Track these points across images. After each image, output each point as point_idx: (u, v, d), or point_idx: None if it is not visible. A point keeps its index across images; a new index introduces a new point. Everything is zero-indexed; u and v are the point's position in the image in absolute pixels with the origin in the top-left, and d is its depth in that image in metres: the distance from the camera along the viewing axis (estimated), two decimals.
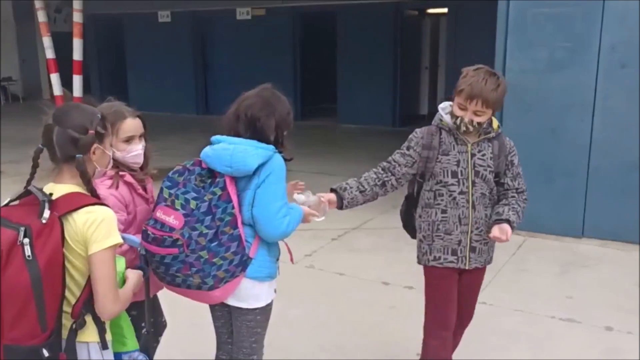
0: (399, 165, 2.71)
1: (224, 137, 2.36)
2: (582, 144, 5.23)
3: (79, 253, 1.79)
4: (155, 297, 2.68)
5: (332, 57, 12.78)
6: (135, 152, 2.39)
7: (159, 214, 2.23)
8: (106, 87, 15.48)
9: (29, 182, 1.84)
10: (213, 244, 2.20)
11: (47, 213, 1.72)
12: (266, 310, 2.43)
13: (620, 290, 4.41)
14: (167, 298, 2.66)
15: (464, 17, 11.10)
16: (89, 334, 1.87)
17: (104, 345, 1.90)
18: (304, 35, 13.26)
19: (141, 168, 2.47)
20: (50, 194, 1.79)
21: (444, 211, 2.68)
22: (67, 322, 1.82)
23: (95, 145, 1.86)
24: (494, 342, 3.67)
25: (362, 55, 12.09)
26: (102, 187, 2.25)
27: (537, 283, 4.53)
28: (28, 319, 1.69)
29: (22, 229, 1.68)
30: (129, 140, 2.37)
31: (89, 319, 1.86)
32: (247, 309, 2.38)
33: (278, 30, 13.00)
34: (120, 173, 2.33)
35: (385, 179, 2.72)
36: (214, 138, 2.39)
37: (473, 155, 2.65)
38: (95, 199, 1.86)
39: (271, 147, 2.31)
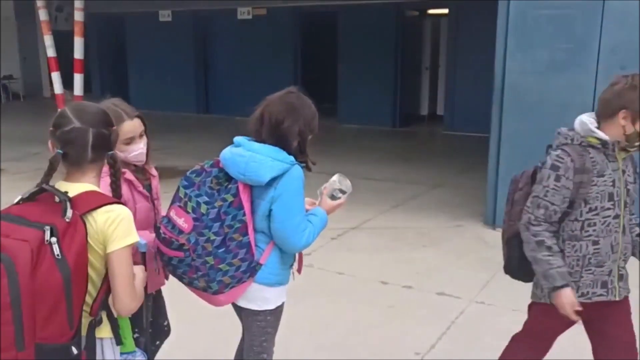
0: (557, 206, 2.30)
1: (245, 140, 2.31)
2: None
3: (97, 252, 1.80)
4: (160, 298, 2.66)
5: (332, 57, 12.79)
6: (137, 151, 2.39)
7: (172, 213, 2.24)
8: (107, 85, 15.49)
9: (43, 181, 1.82)
10: (220, 250, 2.18)
11: (70, 212, 1.72)
12: (277, 312, 2.44)
13: None
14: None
15: (464, 18, 11.11)
16: (103, 330, 1.91)
17: (117, 341, 1.94)
18: (305, 35, 13.27)
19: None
20: (66, 192, 1.79)
21: (595, 242, 2.32)
22: (84, 320, 1.84)
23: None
24: (492, 342, 3.67)
25: (362, 55, 12.10)
26: (102, 183, 2.25)
27: None
28: (59, 317, 1.70)
29: (48, 227, 1.67)
30: (129, 141, 2.36)
31: (104, 315, 1.90)
32: (258, 310, 2.38)
33: (279, 30, 13.02)
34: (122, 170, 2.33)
35: (554, 230, 2.35)
36: (235, 139, 2.35)
37: (624, 172, 2.35)
38: (114, 198, 1.90)
39: (289, 159, 2.25)
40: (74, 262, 1.70)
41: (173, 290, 2.63)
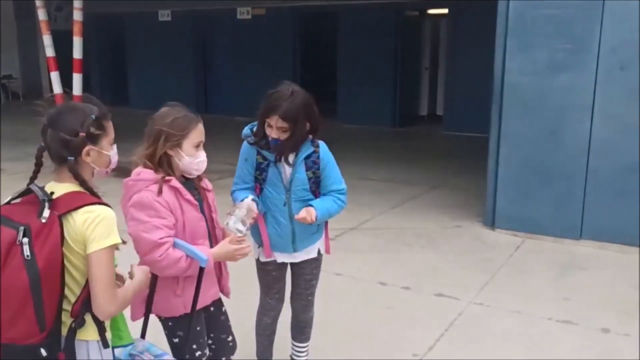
0: None
1: None
2: (581, 146, 5.23)
3: (78, 252, 1.78)
4: (220, 312, 2.59)
5: (332, 57, 12.79)
6: (202, 157, 2.34)
7: None
8: (106, 85, 15.50)
9: (31, 180, 1.83)
10: None
11: (46, 212, 1.71)
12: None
13: (617, 292, 4.41)
14: None
15: (464, 18, 11.10)
16: (89, 332, 1.86)
17: (104, 344, 1.89)
18: (305, 35, 13.27)
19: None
20: (52, 193, 1.78)
21: None
22: (67, 321, 1.81)
23: (88, 147, 1.82)
24: (491, 343, 3.67)
25: (362, 55, 12.09)
26: (148, 192, 2.20)
27: (535, 284, 4.53)
28: (26, 318, 1.69)
29: (22, 228, 1.68)
30: (199, 145, 2.31)
31: (88, 318, 1.85)
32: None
33: (278, 30, 13.01)
34: (166, 178, 2.25)
35: None
36: None
37: None
38: (96, 198, 1.85)
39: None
40: (45, 263, 1.69)
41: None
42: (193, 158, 2.29)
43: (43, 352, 1.73)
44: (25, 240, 1.67)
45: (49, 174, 1.89)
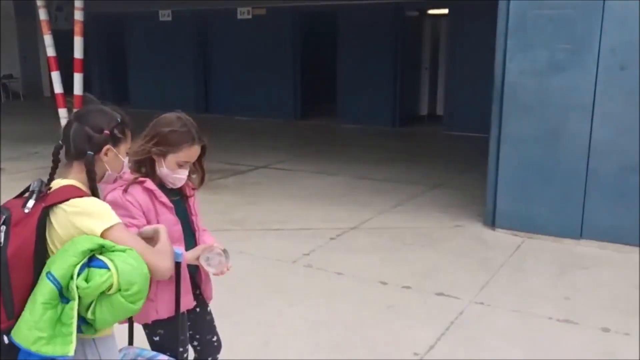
0: None
1: None
2: (582, 146, 5.24)
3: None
4: (205, 313, 2.57)
5: (332, 57, 12.79)
6: (181, 175, 2.31)
7: None
8: (107, 85, 15.51)
9: (51, 177, 1.89)
10: None
11: (31, 203, 1.76)
12: None
13: (617, 292, 4.42)
14: None
15: (464, 18, 11.11)
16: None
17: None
18: (305, 35, 13.27)
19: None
20: (49, 188, 1.83)
21: None
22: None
23: (108, 146, 1.90)
24: (492, 343, 3.67)
25: (362, 55, 12.10)
26: (120, 191, 2.20)
27: (535, 284, 4.54)
28: None
29: (4, 216, 1.74)
30: (183, 164, 2.29)
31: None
32: None
33: (279, 29, 13.01)
34: (140, 179, 2.25)
35: None
36: None
37: None
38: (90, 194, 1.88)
39: None
40: (14, 250, 1.72)
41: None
42: (172, 173, 2.28)
43: (5, 339, 1.74)
44: (3, 228, 1.73)
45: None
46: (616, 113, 5.11)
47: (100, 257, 1.73)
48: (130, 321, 2.31)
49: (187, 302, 2.37)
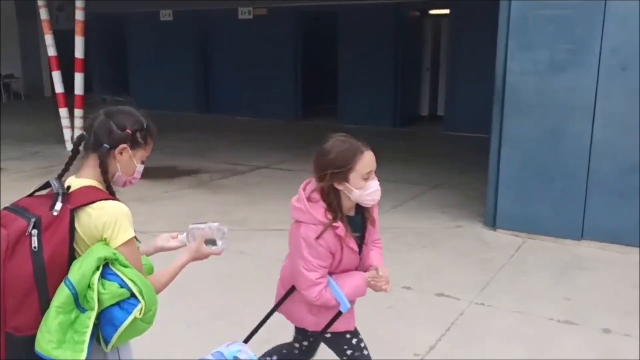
0: None
1: None
2: (582, 146, 5.24)
3: (89, 246, 1.79)
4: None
5: (333, 57, 12.80)
6: (373, 187, 2.31)
7: None
8: (108, 85, 15.51)
9: (64, 170, 1.90)
10: None
11: (59, 205, 1.74)
12: None
13: (618, 292, 4.42)
14: None
15: (465, 19, 11.11)
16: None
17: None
18: (306, 35, 13.27)
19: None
20: (68, 187, 1.82)
21: None
22: None
23: (124, 145, 1.89)
24: (492, 343, 3.67)
25: (363, 55, 12.10)
26: (313, 233, 2.23)
27: (536, 284, 4.54)
28: (30, 309, 1.70)
29: (33, 219, 1.71)
30: (367, 176, 2.26)
31: None
32: None
33: (280, 29, 13.02)
34: (334, 224, 2.24)
35: None
36: None
37: None
38: (109, 194, 1.88)
39: None
40: (51, 255, 1.71)
41: (171, 291, 2.62)
42: (362, 190, 2.27)
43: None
44: (35, 232, 1.70)
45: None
46: (617, 113, 5.11)
47: (121, 275, 1.76)
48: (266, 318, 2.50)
49: (346, 324, 2.54)
